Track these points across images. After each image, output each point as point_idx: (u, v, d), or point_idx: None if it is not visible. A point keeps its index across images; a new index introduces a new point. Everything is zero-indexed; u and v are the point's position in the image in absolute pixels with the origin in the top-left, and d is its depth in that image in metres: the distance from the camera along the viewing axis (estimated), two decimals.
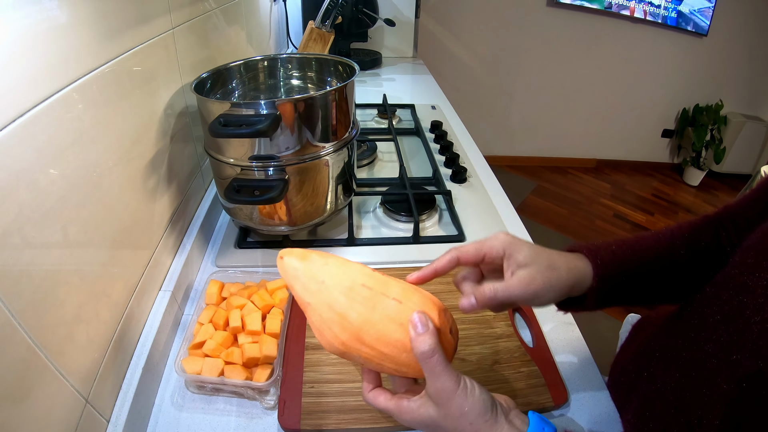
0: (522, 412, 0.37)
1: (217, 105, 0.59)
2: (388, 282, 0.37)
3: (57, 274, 0.38)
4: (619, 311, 1.94)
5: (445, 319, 0.37)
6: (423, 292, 0.38)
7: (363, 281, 0.37)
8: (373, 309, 0.36)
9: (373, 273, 0.38)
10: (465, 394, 0.34)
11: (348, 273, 0.37)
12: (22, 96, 0.34)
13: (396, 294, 0.36)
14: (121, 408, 0.45)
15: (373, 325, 0.35)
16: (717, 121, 2.90)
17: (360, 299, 0.36)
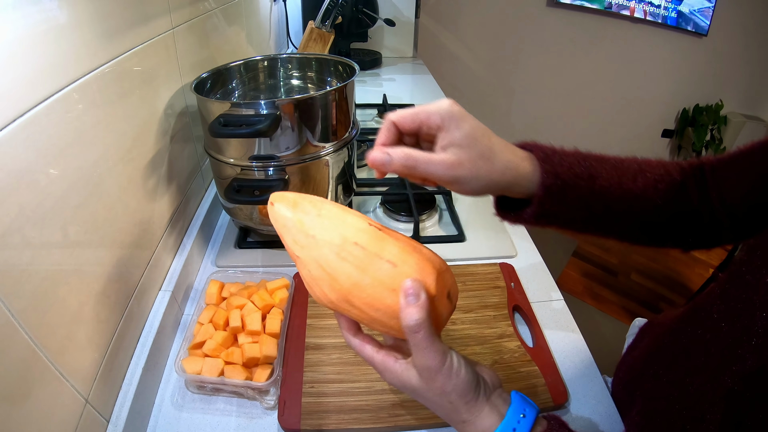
0: (506, 392, 0.36)
1: (217, 105, 0.59)
2: (384, 240, 0.34)
3: (57, 274, 0.38)
4: (621, 312, 1.94)
5: (443, 283, 0.34)
6: (423, 250, 0.35)
7: (356, 238, 0.33)
8: (364, 271, 0.33)
9: (370, 227, 0.34)
10: (449, 374, 0.33)
11: (341, 227, 0.34)
12: (22, 96, 0.34)
13: (391, 255, 0.33)
14: (121, 408, 0.45)
15: (363, 290, 0.33)
16: (717, 121, 2.89)
17: (351, 259, 0.33)
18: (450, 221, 0.81)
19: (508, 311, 0.62)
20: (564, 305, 0.65)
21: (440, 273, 0.34)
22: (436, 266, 0.34)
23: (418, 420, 0.49)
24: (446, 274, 0.35)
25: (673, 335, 0.46)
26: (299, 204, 0.36)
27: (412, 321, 0.31)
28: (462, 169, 0.35)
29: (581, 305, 1.97)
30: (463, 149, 0.35)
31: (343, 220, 0.35)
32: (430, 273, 0.33)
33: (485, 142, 0.36)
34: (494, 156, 0.37)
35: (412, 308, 0.31)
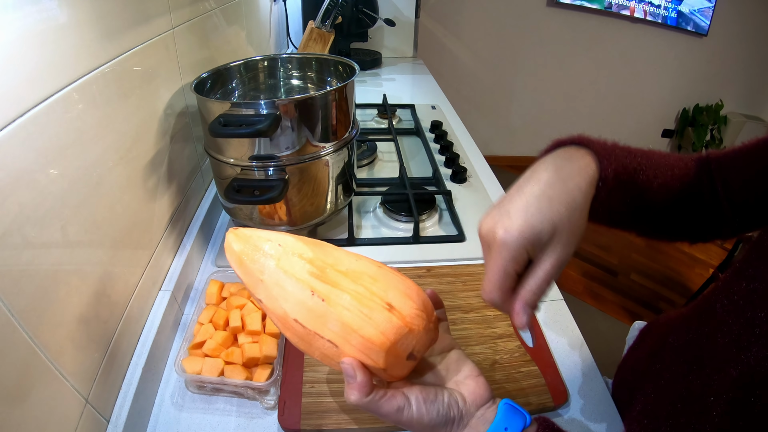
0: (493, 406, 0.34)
1: (217, 105, 0.59)
2: (326, 315, 0.31)
3: (57, 274, 0.38)
4: (621, 312, 1.94)
5: (396, 352, 0.31)
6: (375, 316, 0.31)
7: (296, 315, 0.32)
8: (309, 345, 0.33)
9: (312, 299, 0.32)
10: (410, 422, 0.32)
11: (281, 298, 0.32)
12: (22, 96, 0.34)
13: (332, 334, 0.31)
14: (121, 408, 0.45)
15: (312, 354, 0.34)
16: (717, 121, 2.89)
17: (293, 332, 0.33)
18: (450, 221, 0.81)
19: None
20: (564, 305, 0.65)
21: (393, 344, 0.31)
22: (388, 337, 0.31)
23: None
24: (408, 337, 0.31)
25: (676, 333, 0.46)
26: (243, 260, 0.35)
27: (350, 401, 0.31)
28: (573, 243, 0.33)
29: (581, 305, 1.97)
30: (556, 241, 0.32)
31: (283, 288, 0.32)
32: (377, 350, 0.31)
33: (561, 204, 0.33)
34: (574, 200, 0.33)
35: (348, 390, 0.31)
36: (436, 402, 0.33)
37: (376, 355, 0.31)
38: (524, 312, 0.34)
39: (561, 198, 0.33)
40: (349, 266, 0.34)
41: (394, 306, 0.32)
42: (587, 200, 0.34)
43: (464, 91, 2.83)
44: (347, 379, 0.31)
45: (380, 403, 0.32)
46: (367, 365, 0.31)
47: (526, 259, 0.33)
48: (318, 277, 0.32)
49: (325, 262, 0.34)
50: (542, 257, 0.33)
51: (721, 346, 0.37)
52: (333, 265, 0.34)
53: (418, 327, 0.32)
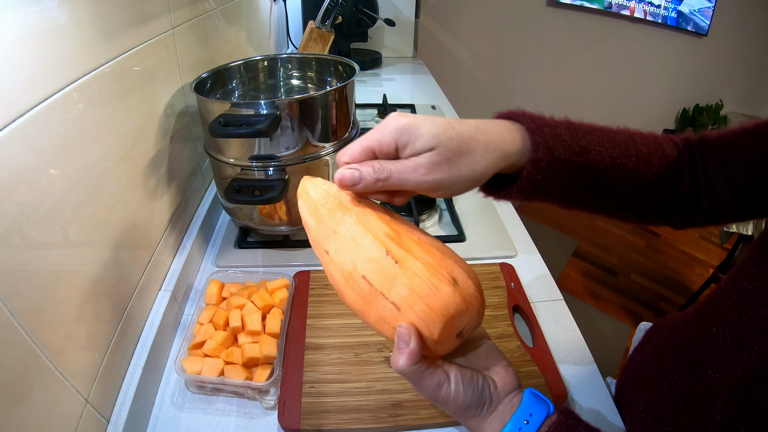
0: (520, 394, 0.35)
1: (217, 105, 0.59)
2: (396, 277, 0.31)
3: (57, 274, 0.38)
4: (621, 312, 1.94)
5: (451, 327, 0.32)
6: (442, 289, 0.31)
7: (365, 271, 0.31)
8: (368, 305, 0.32)
9: (385, 258, 0.31)
10: (446, 401, 0.33)
11: (353, 253, 0.32)
12: (22, 96, 0.34)
13: (398, 296, 0.31)
14: (121, 408, 0.45)
15: (365, 318, 0.33)
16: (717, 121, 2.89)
17: (357, 290, 0.32)
18: (450, 221, 0.81)
19: (508, 311, 0.62)
20: (564, 305, 0.65)
21: (451, 318, 0.31)
22: (449, 310, 0.31)
23: (418, 420, 0.49)
24: (463, 315, 0.32)
25: (680, 333, 0.46)
26: (319, 209, 0.34)
27: (396, 366, 0.31)
28: (440, 172, 0.32)
29: (581, 305, 1.97)
30: (433, 153, 0.32)
31: (358, 243, 0.32)
32: (436, 321, 0.31)
33: (453, 136, 0.32)
34: (471, 147, 0.33)
35: (398, 354, 0.31)
36: (472, 383, 0.33)
37: (434, 326, 0.31)
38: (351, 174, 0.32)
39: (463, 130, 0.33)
40: (421, 236, 0.34)
41: (458, 282, 0.32)
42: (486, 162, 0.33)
43: (464, 91, 2.83)
44: (399, 344, 0.31)
45: (424, 374, 0.31)
46: (421, 334, 0.31)
47: (391, 149, 0.33)
48: (394, 240, 0.32)
49: (400, 227, 0.33)
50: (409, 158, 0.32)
51: (723, 345, 0.37)
52: (407, 232, 0.33)
53: (474, 307, 0.32)
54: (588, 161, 0.37)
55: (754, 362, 0.33)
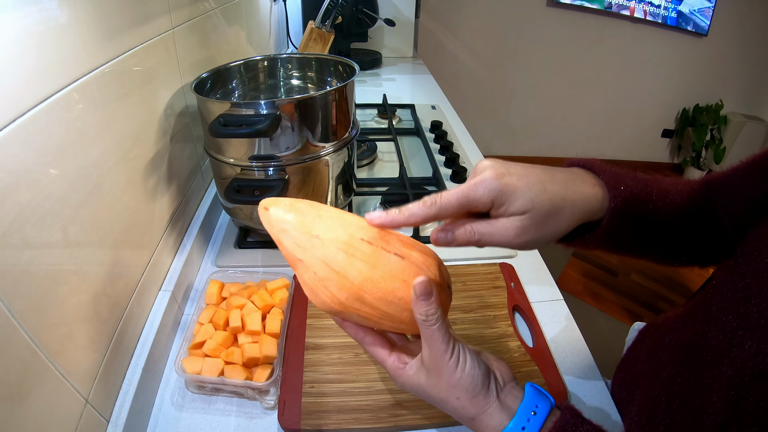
0: (518, 386, 0.35)
1: (217, 105, 0.59)
2: (388, 234, 0.34)
3: (57, 274, 0.38)
4: (621, 312, 1.94)
5: (442, 274, 0.35)
6: (418, 245, 0.36)
7: (362, 234, 0.33)
8: (374, 266, 0.33)
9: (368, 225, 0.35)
10: (455, 367, 0.33)
11: (345, 226, 0.34)
12: (22, 96, 0.34)
13: (396, 248, 0.33)
14: (121, 408, 0.45)
15: (376, 283, 0.33)
16: (717, 121, 2.89)
17: (360, 255, 0.33)
18: None
19: (508, 311, 0.62)
20: (564, 305, 0.65)
21: (439, 265, 0.35)
22: (435, 258, 0.35)
23: (418, 420, 0.49)
24: (442, 266, 0.36)
25: (673, 333, 0.46)
26: (296, 206, 0.35)
27: (427, 316, 0.32)
28: (529, 234, 0.34)
29: (581, 305, 1.97)
30: (525, 217, 0.33)
31: (343, 220, 0.35)
32: (433, 265, 0.34)
33: (546, 199, 0.33)
34: (560, 209, 0.34)
35: (426, 305, 0.32)
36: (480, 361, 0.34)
37: (432, 268, 0.34)
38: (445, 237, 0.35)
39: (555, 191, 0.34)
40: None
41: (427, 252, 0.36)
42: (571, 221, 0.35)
43: (464, 91, 2.83)
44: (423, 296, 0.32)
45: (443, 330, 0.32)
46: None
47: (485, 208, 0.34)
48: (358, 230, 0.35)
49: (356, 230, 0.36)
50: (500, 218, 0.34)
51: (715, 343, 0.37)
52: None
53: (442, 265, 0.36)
54: (648, 209, 0.39)
55: (746, 361, 0.33)
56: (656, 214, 0.40)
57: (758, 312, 0.33)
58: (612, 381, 0.57)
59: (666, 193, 0.41)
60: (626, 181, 0.38)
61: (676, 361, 0.42)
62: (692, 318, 0.42)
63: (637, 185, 0.38)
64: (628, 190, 0.37)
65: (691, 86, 2.90)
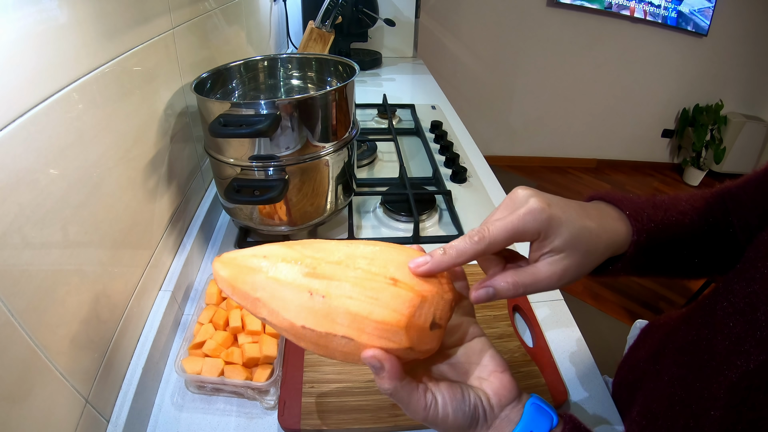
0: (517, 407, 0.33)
1: (217, 105, 0.59)
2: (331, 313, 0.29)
3: (57, 274, 0.38)
4: (621, 312, 1.94)
5: (416, 325, 0.30)
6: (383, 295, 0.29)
7: (302, 321, 0.30)
8: (326, 349, 0.31)
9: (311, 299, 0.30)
10: (436, 420, 0.31)
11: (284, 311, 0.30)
12: (22, 96, 0.34)
13: (344, 329, 0.29)
14: (121, 408, 0.45)
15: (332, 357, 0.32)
16: (717, 121, 2.90)
17: (307, 340, 0.31)
18: (450, 221, 0.81)
19: (508, 311, 0.62)
20: (564, 305, 0.65)
21: (410, 318, 0.29)
22: (402, 312, 0.29)
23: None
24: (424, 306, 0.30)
25: (676, 335, 0.46)
26: (234, 285, 0.32)
27: (384, 389, 0.30)
28: (570, 275, 0.34)
29: (581, 305, 1.97)
30: (566, 255, 0.33)
31: (281, 299, 0.30)
32: (396, 331, 0.29)
33: (584, 240, 0.33)
34: (595, 248, 0.34)
35: (380, 381, 0.30)
36: (463, 402, 0.32)
37: (397, 336, 0.29)
38: (486, 293, 0.33)
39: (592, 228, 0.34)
40: (342, 254, 0.32)
41: (399, 279, 0.30)
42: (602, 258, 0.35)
43: (464, 91, 2.83)
44: (375, 372, 0.30)
45: (411, 395, 0.30)
46: (390, 350, 0.29)
47: (531, 239, 0.33)
48: (312, 276, 0.30)
49: (315, 258, 0.31)
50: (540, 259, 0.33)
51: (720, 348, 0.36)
52: (324, 259, 0.31)
53: (431, 292, 0.30)
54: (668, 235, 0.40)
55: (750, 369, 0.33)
56: (676, 236, 0.40)
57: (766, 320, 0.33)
58: (613, 381, 0.57)
59: (683, 214, 0.41)
60: (647, 212, 0.38)
61: (679, 363, 0.42)
62: (696, 321, 0.42)
63: (657, 214, 0.39)
64: (649, 222, 0.38)
65: (691, 86, 2.90)
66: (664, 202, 0.42)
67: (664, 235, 0.39)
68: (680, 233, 0.41)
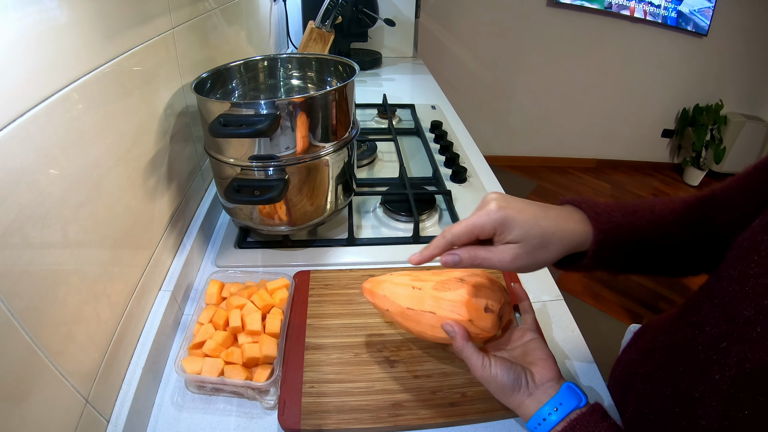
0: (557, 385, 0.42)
1: (217, 105, 0.59)
2: (423, 299, 0.47)
3: (57, 274, 0.38)
4: (621, 312, 1.94)
5: (475, 306, 0.45)
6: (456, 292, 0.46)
7: (407, 304, 0.48)
8: (419, 323, 0.48)
9: (413, 291, 0.48)
10: (488, 378, 0.42)
11: (398, 301, 0.49)
12: (22, 96, 0.34)
13: (429, 306, 0.47)
14: (121, 408, 0.45)
15: (425, 334, 0.48)
16: (717, 121, 2.89)
17: (410, 319, 0.48)
18: (450, 221, 0.81)
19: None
20: (564, 305, 0.65)
21: (467, 300, 0.45)
22: (462, 296, 0.46)
23: (417, 420, 0.49)
24: (479, 294, 0.45)
25: (664, 335, 0.47)
26: (374, 291, 0.51)
27: (456, 346, 0.44)
28: (521, 261, 0.41)
29: (581, 305, 1.97)
30: (518, 246, 0.40)
31: (397, 294, 0.49)
32: (460, 307, 0.45)
33: (538, 233, 0.40)
34: (549, 242, 0.41)
35: (453, 341, 0.44)
36: (510, 369, 0.42)
37: (461, 310, 0.45)
38: (452, 259, 0.42)
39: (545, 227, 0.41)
40: (435, 272, 0.50)
41: (464, 279, 0.47)
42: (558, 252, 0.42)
43: (464, 91, 2.83)
44: (451, 335, 0.44)
45: (472, 354, 0.43)
46: (458, 321, 0.44)
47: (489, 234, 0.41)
48: (414, 280, 0.49)
49: (419, 272, 0.51)
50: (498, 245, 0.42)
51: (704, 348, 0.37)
52: (424, 273, 0.51)
53: (484, 286, 0.46)
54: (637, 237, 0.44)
55: (732, 367, 0.33)
56: (648, 237, 0.45)
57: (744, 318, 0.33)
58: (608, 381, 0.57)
59: (659, 215, 0.46)
60: (612, 215, 0.43)
61: (669, 365, 0.42)
62: (683, 321, 0.43)
63: (624, 216, 0.44)
64: (612, 223, 0.43)
65: (691, 86, 2.90)
66: (635, 205, 0.46)
67: (634, 236, 0.44)
68: (653, 235, 0.45)
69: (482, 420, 0.50)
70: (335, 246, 0.75)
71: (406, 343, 0.57)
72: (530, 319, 0.49)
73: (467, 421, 0.50)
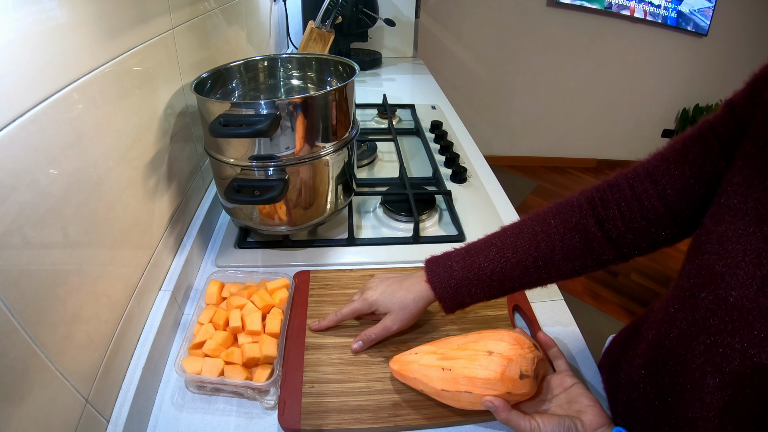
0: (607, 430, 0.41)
1: (217, 105, 0.59)
2: (457, 379, 0.46)
3: (57, 274, 0.38)
4: (621, 312, 1.94)
5: (510, 377, 0.45)
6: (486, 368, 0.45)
7: (441, 386, 0.47)
8: (458, 401, 0.47)
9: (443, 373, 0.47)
10: None
11: (430, 383, 0.48)
12: (22, 96, 0.34)
13: (464, 386, 0.46)
14: (121, 408, 0.45)
15: (464, 408, 0.48)
16: None
17: (447, 398, 0.48)
18: (450, 221, 0.81)
19: (508, 311, 0.62)
20: (564, 305, 0.65)
21: (501, 374, 0.45)
22: (495, 371, 0.45)
23: (417, 420, 0.49)
24: (512, 365, 0.45)
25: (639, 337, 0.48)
26: (402, 373, 0.51)
27: (501, 417, 0.44)
28: (395, 324, 0.54)
29: (581, 305, 1.97)
30: (388, 315, 0.55)
31: (428, 376, 0.48)
32: (496, 383, 0.45)
33: (396, 303, 0.54)
34: (406, 305, 0.54)
35: (496, 414, 0.44)
36: (560, 424, 0.42)
37: (496, 385, 0.45)
38: (358, 346, 0.56)
39: (401, 298, 0.54)
40: (459, 343, 0.49)
41: (493, 350, 0.46)
42: (417, 309, 0.54)
43: (464, 91, 2.83)
44: (493, 410, 0.44)
45: (519, 421, 0.43)
46: (496, 395, 0.45)
47: (367, 313, 0.57)
48: (442, 358, 0.48)
49: (444, 348, 0.50)
50: (381, 320, 0.55)
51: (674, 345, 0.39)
52: (449, 347, 0.50)
53: (516, 355, 0.46)
54: (505, 279, 0.50)
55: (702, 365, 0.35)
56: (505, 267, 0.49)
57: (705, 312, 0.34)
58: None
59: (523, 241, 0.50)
60: (452, 270, 0.51)
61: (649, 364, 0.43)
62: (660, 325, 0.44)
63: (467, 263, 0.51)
64: (449, 278, 0.51)
65: (691, 86, 2.90)
66: (486, 244, 0.51)
67: (483, 272, 0.50)
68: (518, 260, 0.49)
69: (482, 420, 0.50)
70: (335, 246, 0.75)
71: (407, 343, 0.57)
72: (563, 365, 0.50)
73: (467, 421, 0.50)
